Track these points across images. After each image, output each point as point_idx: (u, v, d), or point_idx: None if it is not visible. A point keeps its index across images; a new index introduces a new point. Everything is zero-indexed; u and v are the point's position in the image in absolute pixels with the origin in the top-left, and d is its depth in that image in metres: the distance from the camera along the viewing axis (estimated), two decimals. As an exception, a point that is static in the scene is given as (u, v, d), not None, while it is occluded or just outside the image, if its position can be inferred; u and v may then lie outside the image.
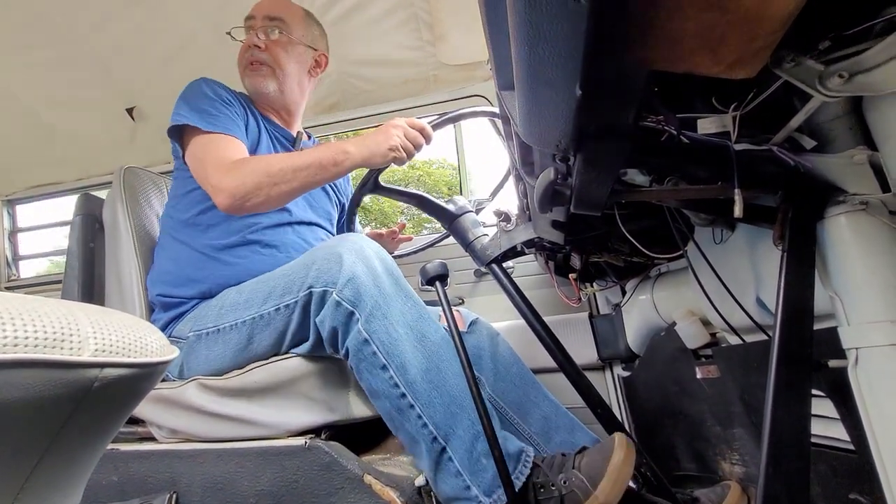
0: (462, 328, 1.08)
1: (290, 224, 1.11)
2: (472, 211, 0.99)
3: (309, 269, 0.85)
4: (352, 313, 0.80)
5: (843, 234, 0.46)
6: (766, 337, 0.67)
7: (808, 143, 0.47)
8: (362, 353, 0.79)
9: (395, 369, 0.78)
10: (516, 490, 0.71)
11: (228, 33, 1.14)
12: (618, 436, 0.75)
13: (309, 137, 1.30)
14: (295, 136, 1.21)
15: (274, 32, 1.10)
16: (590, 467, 0.72)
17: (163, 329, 1.02)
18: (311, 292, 0.84)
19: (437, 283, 0.78)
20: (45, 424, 0.29)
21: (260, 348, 0.90)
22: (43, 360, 0.27)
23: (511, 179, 1.26)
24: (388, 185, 0.98)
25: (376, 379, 0.79)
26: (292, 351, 0.90)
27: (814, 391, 0.46)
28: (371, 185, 0.96)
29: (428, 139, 0.99)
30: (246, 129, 1.07)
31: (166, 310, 1.04)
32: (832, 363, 0.48)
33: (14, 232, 2.04)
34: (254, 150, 1.08)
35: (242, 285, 0.98)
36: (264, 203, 0.92)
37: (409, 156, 0.96)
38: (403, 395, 0.77)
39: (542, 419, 1.00)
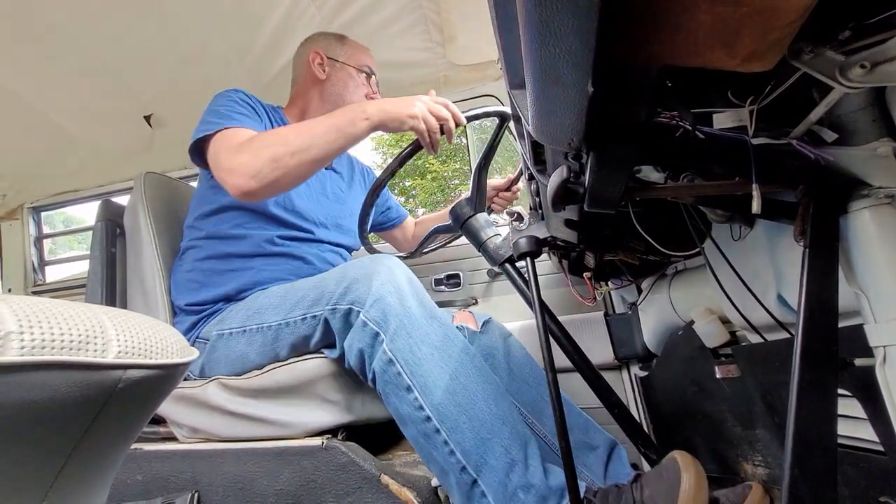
0: (475, 328, 1.09)
1: (314, 241, 1.16)
2: (483, 210, 0.99)
3: (339, 285, 0.85)
4: (377, 334, 0.79)
5: (867, 228, 0.44)
6: (787, 335, 0.66)
7: (830, 135, 0.46)
8: (387, 374, 0.77)
9: (419, 390, 0.74)
10: None
11: (366, 73, 1.24)
12: (679, 455, 0.63)
13: None
14: None
15: None
16: (654, 500, 0.62)
17: (188, 330, 1.05)
18: (337, 308, 0.84)
19: (528, 259, 0.76)
20: (73, 424, 0.30)
21: (283, 352, 0.93)
22: (69, 361, 0.28)
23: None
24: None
25: (402, 403, 0.76)
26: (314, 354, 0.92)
27: (839, 391, 0.45)
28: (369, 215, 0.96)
29: (457, 119, 0.92)
30: None
31: (192, 314, 1.07)
32: (859, 362, 0.46)
33: (39, 238, 2.10)
34: None
35: (271, 290, 0.99)
36: (282, 178, 0.86)
37: (433, 131, 0.88)
38: (428, 419, 0.73)
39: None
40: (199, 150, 1.02)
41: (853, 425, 0.56)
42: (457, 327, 1.01)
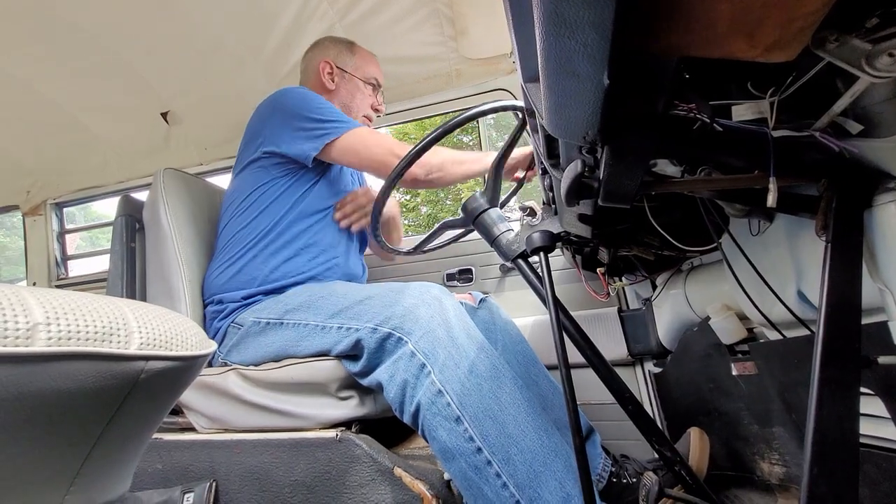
0: (473, 304, 1.17)
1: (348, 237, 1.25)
2: (496, 205, 0.98)
3: (386, 308, 0.86)
4: (423, 365, 0.78)
5: (893, 222, 0.43)
6: (807, 332, 0.64)
7: (854, 127, 0.45)
8: (436, 405, 0.75)
9: (469, 420, 0.73)
10: None
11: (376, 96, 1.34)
12: (692, 429, 0.92)
13: None
14: None
15: None
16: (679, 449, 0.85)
17: (225, 317, 1.08)
18: (378, 329, 0.84)
19: (541, 254, 0.77)
20: (98, 413, 0.31)
21: (304, 351, 0.94)
22: (94, 352, 0.29)
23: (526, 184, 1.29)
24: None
25: (450, 434, 0.74)
26: (332, 354, 0.93)
27: (862, 389, 0.44)
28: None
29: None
30: None
31: (232, 302, 1.09)
32: (882, 359, 0.45)
33: (62, 233, 2.16)
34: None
35: (312, 289, 1.02)
36: (442, 179, 1.09)
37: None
38: (479, 450, 0.71)
39: (540, 396, 1.02)
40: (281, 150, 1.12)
41: (875, 424, 0.55)
42: (460, 303, 1.04)
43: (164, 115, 1.71)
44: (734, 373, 0.88)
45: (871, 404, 0.53)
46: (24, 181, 2.03)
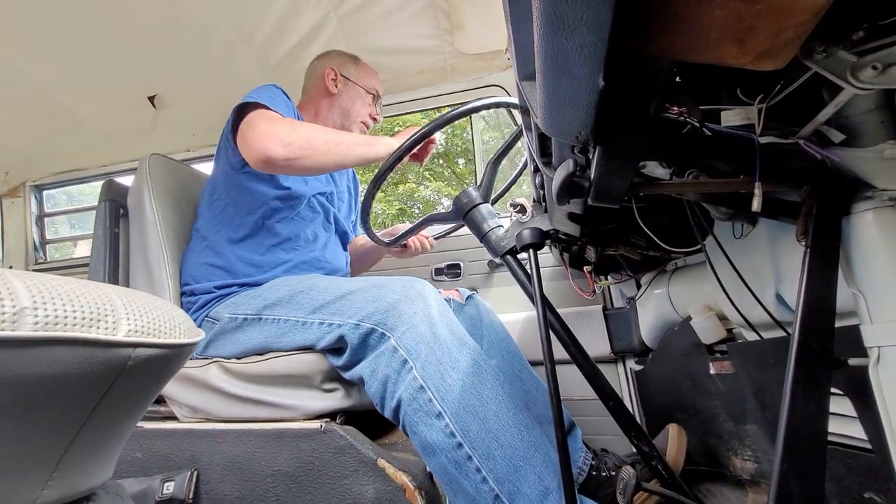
0: (460, 301, 1.17)
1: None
2: (485, 202, 0.99)
3: (368, 303, 0.85)
4: (405, 361, 0.78)
5: (869, 230, 0.45)
6: (783, 333, 0.66)
7: (837, 136, 0.46)
8: (417, 401, 0.75)
9: (450, 416, 0.73)
10: None
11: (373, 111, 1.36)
12: (671, 426, 0.95)
13: None
14: None
15: None
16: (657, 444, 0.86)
17: (199, 309, 1.07)
18: (360, 325, 0.84)
19: (531, 251, 0.78)
20: (84, 400, 0.31)
21: (286, 346, 0.94)
22: (81, 338, 0.28)
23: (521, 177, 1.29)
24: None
25: (431, 430, 0.74)
26: (317, 347, 0.92)
27: (832, 389, 0.45)
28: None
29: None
30: None
31: (206, 294, 1.08)
32: (852, 361, 0.47)
33: (41, 216, 2.10)
34: None
35: (290, 283, 1.00)
36: (306, 158, 0.94)
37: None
38: (460, 446, 0.72)
39: (524, 392, 1.03)
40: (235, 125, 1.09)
41: (843, 423, 0.58)
42: (445, 300, 1.04)
43: (151, 98, 1.67)
44: (712, 372, 0.90)
45: (840, 404, 0.55)
46: (3, 161, 1.96)
